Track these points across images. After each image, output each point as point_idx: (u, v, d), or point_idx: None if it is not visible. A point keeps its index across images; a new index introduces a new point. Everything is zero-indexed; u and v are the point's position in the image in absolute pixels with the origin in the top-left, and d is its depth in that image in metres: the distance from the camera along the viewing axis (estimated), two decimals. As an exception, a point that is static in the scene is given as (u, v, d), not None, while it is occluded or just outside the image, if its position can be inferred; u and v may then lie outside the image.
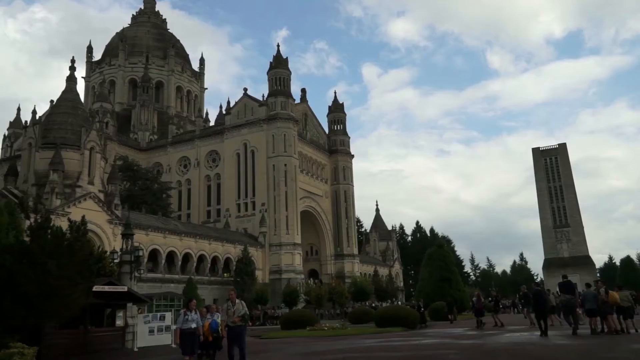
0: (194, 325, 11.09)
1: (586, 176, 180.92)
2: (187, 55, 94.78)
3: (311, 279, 67.67)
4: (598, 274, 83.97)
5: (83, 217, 17.44)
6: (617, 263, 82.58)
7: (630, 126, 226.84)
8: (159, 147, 74.64)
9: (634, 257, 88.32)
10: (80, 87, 78.64)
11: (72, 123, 42.65)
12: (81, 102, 49.37)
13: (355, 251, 78.09)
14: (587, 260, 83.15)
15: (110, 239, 41.52)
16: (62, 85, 45.87)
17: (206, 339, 11.96)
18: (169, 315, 22.38)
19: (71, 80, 45.59)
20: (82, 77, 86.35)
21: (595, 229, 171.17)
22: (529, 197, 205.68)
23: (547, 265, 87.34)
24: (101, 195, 42.73)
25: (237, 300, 10.94)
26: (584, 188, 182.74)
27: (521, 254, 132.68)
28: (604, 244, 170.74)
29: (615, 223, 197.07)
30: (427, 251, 46.55)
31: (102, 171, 44.17)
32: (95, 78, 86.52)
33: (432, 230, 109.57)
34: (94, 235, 38.84)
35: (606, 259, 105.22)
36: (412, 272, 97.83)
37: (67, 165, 40.57)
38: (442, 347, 14.50)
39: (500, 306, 24.76)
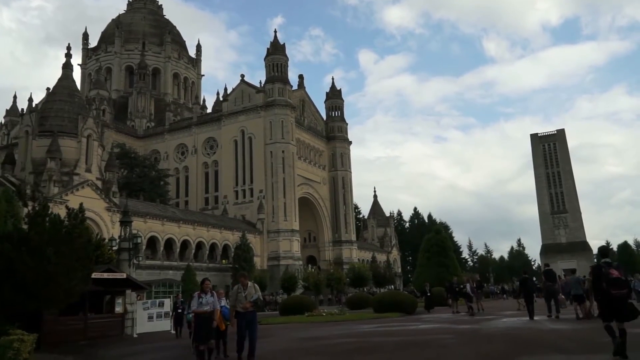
0: (208, 308, 9.67)
1: (583, 162, 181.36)
2: (184, 41, 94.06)
3: (309, 265, 68.01)
4: (595, 260, 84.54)
5: (81, 204, 17.44)
6: (615, 249, 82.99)
7: (627, 112, 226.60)
8: (156, 135, 74.42)
9: (631, 242, 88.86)
10: (77, 75, 78.23)
11: (69, 111, 42.46)
12: (78, 89, 49.10)
13: (353, 237, 78.39)
14: (584, 246, 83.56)
15: (108, 226, 41.60)
16: (59, 73, 45.60)
17: (217, 328, 10.59)
18: (167, 302, 22.54)
19: (67, 67, 45.29)
20: (79, 65, 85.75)
21: (592, 215, 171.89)
22: (527, 183, 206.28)
23: (545, 251, 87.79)
24: (99, 183, 42.70)
25: (250, 283, 9.67)
26: (581, 174, 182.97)
27: (519, 240, 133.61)
28: (601, 230, 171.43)
29: (613, 209, 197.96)
30: (424, 237, 46.77)
31: (100, 159, 44.08)
32: (92, 65, 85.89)
33: (429, 216, 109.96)
34: (92, 223, 38.87)
35: (603, 244, 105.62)
36: (410, 258, 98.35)
37: (65, 153, 40.48)
38: (440, 332, 14.64)
39: (480, 291, 24.33)
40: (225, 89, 71.53)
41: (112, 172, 45.11)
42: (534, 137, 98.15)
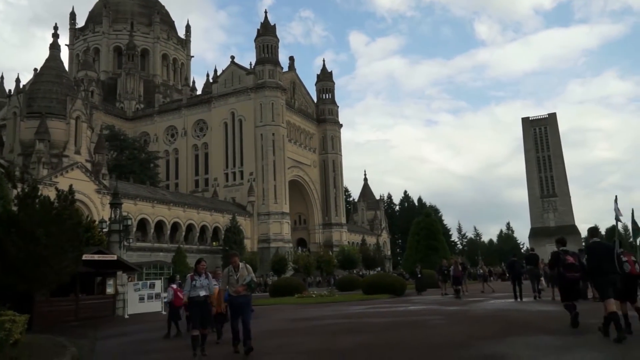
0: (203, 293, 8.78)
1: (574, 146, 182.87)
2: (173, 22, 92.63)
3: (299, 247, 68.40)
4: (583, 243, 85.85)
5: (70, 186, 17.36)
6: (603, 233, 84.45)
7: (618, 96, 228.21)
8: (145, 117, 73.75)
9: (619, 226, 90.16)
10: (64, 55, 76.72)
11: (57, 92, 41.91)
12: (65, 70, 48.40)
13: (343, 220, 78.78)
14: (572, 230, 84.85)
15: (98, 208, 41.43)
16: (46, 54, 44.88)
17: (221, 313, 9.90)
18: (158, 283, 22.63)
19: (55, 48, 44.55)
20: (66, 45, 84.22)
21: (581, 199, 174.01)
22: (517, 167, 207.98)
23: (534, 234, 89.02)
24: (88, 165, 42.40)
25: (241, 264, 8.81)
26: (571, 158, 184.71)
27: (508, 224, 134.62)
28: (590, 214, 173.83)
29: (602, 193, 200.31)
30: (414, 220, 47.12)
31: (89, 141, 43.71)
32: (79, 46, 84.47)
33: (420, 199, 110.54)
34: (82, 205, 38.69)
35: (619, 224, 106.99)
36: (400, 241, 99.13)
37: (53, 134, 40.06)
38: (428, 313, 14.88)
39: (464, 274, 24.53)
40: (215, 71, 70.87)
41: (101, 154, 44.78)
42: (525, 121, 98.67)
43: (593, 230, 9.82)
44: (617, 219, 11.34)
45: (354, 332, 11.04)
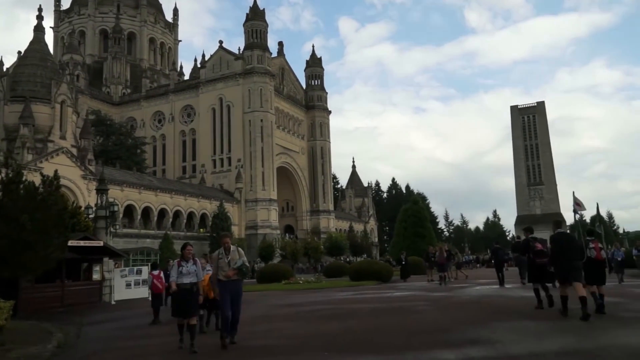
0: (189, 280, 8.01)
1: (561, 135, 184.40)
2: (160, 5, 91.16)
3: (287, 234, 68.54)
4: (568, 231, 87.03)
5: (56, 171, 17.11)
6: (587, 220, 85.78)
7: (606, 85, 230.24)
8: (132, 102, 72.87)
9: (604, 214, 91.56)
10: (49, 38, 75.19)
11: (42, 75, 41.18)
12: (50, 53, 47.51)
13: (331, 207, 78.98)
14: (558, 218, 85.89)
15: (84, 194, 41.05)
16: (30, 37, 43.97)
17: (206, 297, 9.20)
18: (145, 270, 22.57)
19: (39, 30, 43.67)
20: (51, 28, 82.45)
21: (567, 187, 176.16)
22: (505, 155, 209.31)
23: (520, 221, 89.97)
24: (74, 150, 41.90)
25: (233, 247, 8.14)
26: (558, 147, 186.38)
27: (494, 211, 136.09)
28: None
29: (587, 182, 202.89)
30: (402, 207, 47.42)
31: (74, 125, 43.12)
32: (64, 28, 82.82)
33: (407, 187, 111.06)
34: (68, 191, 38.30)
35: (577, 217, 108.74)
36: (387, 228, 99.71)
37: (38, 119, 39.45)
38: (414, 299, 15.05)
39: (450, 261, 24.71)
40: (203, 56, 70.09)
41: (87, 140, 44.24)
42: (514, 109, 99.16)
43: (557, 223, 10.57)
44: (575, 212, 13.93)
45: (340, 318, 11.14)
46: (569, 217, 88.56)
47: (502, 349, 6.67)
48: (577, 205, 16.12)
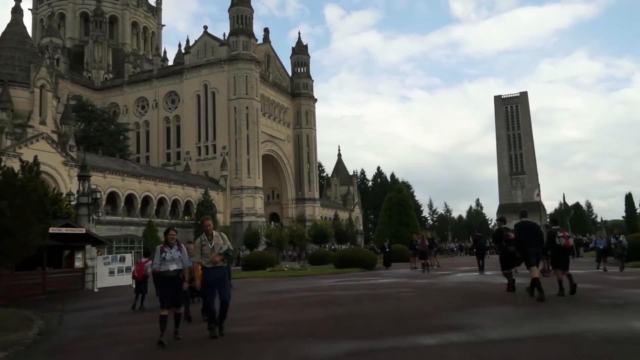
0: (174, 267, 7.43)
1: (542, 125, 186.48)
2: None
3: (272, 222, 68.56)
4: (548, 219, 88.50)
5: (35, 157, 16.84)
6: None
7: (587, 77, 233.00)
8: (114, 87, 71.74)
9: (582, 204, 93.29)
10: (28, 21, 73.71)
11: (20, 59, 40.23)
12: (29, 36, 46.40)
13: (317, 195, 79.08)
14: (538, 207, 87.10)
15: (65, 181, 40.48)
16: (8, 19, 42.88)
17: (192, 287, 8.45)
18: (129, 257, 22.45)
19: (17, 12, 42.54)
20: (29, 9, 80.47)
21: (548, 176, 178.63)
22: (488, 145, 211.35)
23: (501, 210, 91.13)
24: (54, 136, 41.19)
25: (215, 233, 7.69)
26: (539, 137, 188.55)
27: (477, 200, 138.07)
28: (555, 191, 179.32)
29: (567, 171, 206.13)
30: (386, 196, 47.67)
31: (55, 111, 42.35)
32: (44, 10, 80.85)
33: (392, 175, 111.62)
34: (49, 177, 37.75)
35: (557, 206, 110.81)
36: (372, 216, 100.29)
37: (16, 104, 38.62)
38: (397, 286, 15.21)
39: (432, 249, 24.90)
40: (188, 41, 69.18)
41: (68, 125, 43.51)
42: (498, 99, 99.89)
43: (523, 212, 11.30)
44: (539, 203, 15.11)
45: (324, 304, 11.22)
46: (549, 206, 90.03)
47: (482, 334, 6.79)
48: (537, 195, 20.16)
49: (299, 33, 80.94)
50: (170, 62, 78.29)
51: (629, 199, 49.94)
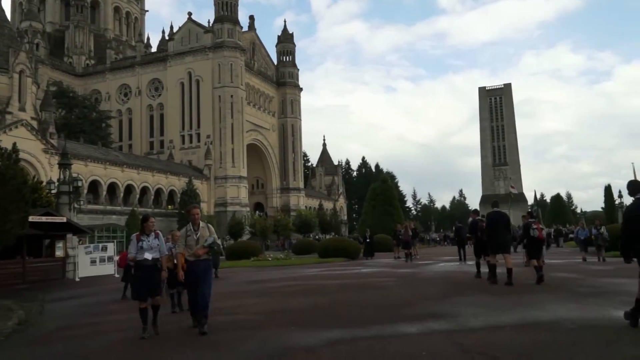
0: (151, 256, 7.00)
1: (525, 117, 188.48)
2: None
3: (257, 211, 68.41)
4: (529, 210, 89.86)
5: (14, 144, 16.51)
6: (548, 200, 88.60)
7: (569, 69, 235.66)
8: (96, 73, 70.52)
9: (563, 195, 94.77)
10: (6, 4, 71.94)
11: (-2, 43, 39.28)
12: (7, 20, 45.26)
13: (301, 185, 79.05)
14: (520, 197, 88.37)
15: (46, 169, 39.85)
16: (-16, 0, 41.65)
17: (174, 277, 7.88)
18: (111, 246, 22.21)
19: (-6, -6, 41.42)
20: (7, -8, 78.41)
21: (530, 168, 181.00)
22: (471, 136, 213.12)
23: (484, 201, 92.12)
24: (34, 123, 40.44)
25: (202, 224, 7.23)
26: (522, 129, 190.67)
27: (460, 191, 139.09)
28: (537, 182, 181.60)
29: (549, 163, 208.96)
30: (371, 186, 47.88)
31: (34, 97, 41.54)
32: (22, -7, 78.80)
33: (377, 166, 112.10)
34: (28, 165, 37.10)
35: (538, 196, 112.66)
36: (356, 206, 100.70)
37: (-6, 89, 37.78)
38: (380, 276, 15.34)
39: (415, 239, 25.09)
40: (171, 28, 68.15)
41: (48, 112, 42.72)
42: (482, 91, 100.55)
43: (494, 203, 12.01)
44: (510, 194, 16.07)
45: (308, 294, 11.26)
46: (530, 197, 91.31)
47: (463, 322, 6.88)
48: (512, 187, 26.77)
49: (285, 21, 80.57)
50: (154, 49, 77.11)
51: (608, 190, 50.95)
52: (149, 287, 6.97)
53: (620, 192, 42.36)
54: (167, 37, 68.84)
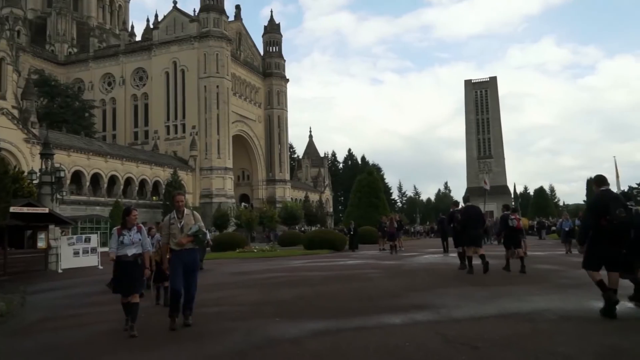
0: (133, 251, 6.67)
1: (510, 110, 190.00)
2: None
3: (242, 203, 68.22)
4: (513, 203, 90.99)
5: (-5, 134, 16.23)
6: (531, 193, 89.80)
7: (554, 63, 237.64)
8: (79, 62, 69.36)
9: (546, 187, 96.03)
10: (-15, -11, 70.09)
11: (-23, 29, 38.44)
12: (-14, 6, 44.30)
13: (287, 177, 78.96)
14: (504, 190, 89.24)
15: (27, 159, 39.24)
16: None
17: (161, 272, 8.03)
18: (94, 238, 21.98)
19: (-27, -21, 40.48)
20: (-14, -23, 76.45)
21: (514, 161, 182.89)
22: (457, 128, 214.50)
23: (469, 193, 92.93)
24: (15, 112, 39.71)
25: (187, 211, 6.95)
26: (507, 122, 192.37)
27: (446, 183, 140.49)
28: (521, 176, 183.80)
29: (533, 156, 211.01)
30: (357, 178, 47.98)
31: (15, 85, 40.79)
32: (2, -21, 77.00)
33: (363, 158, 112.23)
34: (9, 155, 36.51)
35: (522, 189, 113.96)
36: (342, 198, 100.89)
37: (-26, 77, 37.01)
38: (365, 267, 15.44)
39: (400, 231, 25.24)
40: (156, 16, 67.18)
41: (30, 101, 41.98)
42: (468, 83, 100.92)
43: (466, 198, 13.56)
44: (485, 189, 17.60)
45: (293, 285, 11.29)
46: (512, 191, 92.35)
47: (446, 313, 6.98)
48: (485, 183, 27.15)
49: (271, 11, 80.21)
50: (138, 38, 76.03)
51: (590, 183, 51.75)
52: (127, 284, 6.66)
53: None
54: (151, 26, 67.88)
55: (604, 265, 6.28)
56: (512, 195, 76.20)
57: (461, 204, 14.33)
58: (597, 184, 6.62)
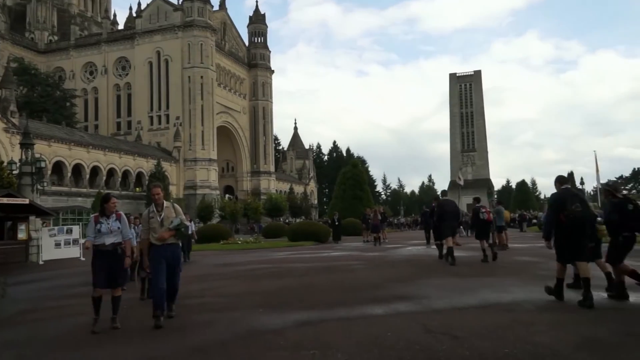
0: (111, 240, 6.32)
1: (493, 104, 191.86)
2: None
3: (226, 195, 67.97)
4: (495, 195, 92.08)
5: (-27, 123, 15.89)
6: (513, 186, 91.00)
7: (536, 57, 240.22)
8: (60, 50, 68.12)
9: (528, 181, 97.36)
10: (-39, -26, 68.27)
11: (-47, 15, 37.47)
12: (-37, -9, 43.17)
13: (272, 168, 78.81)
14: (487, 183, 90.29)
15: (7, 149, 38.57)
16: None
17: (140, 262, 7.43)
18: (76, 229, 21.74)
19: (-52, -37, 39.39)
20: (-37, -38, 74.41)
21: (496, 154, 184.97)
22: (441, 121, 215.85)
23: (452, 186, 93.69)
24: (-6, 101, 38.92)
25: (167, 203, 6.64)
26: (490, 115, 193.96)
27: (429, 176, 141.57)
28: (503, 169, 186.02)
29: (515, 150, 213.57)
30: (341, 170, 48.07)
31: (-6, 73, 39.87)
32: (-20, -36, 75.04)
33: (348, 150, 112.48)
34: (-12, 144, 35.79)
35: (504, 182, 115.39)
36: (327, 190, 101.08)
37: (-50, 64, 36.12)
38: (349, 259, 15.53)
39: (384, 223, 25.34)
40: (139, 4, 66.28)
41: (9, 89, 41.19)
42: (452, 77, 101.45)
43: (443, 192, 14.17)
44: (459, 184, 22.04)
45: (277, 276, 11.33)
46: (497, 183, 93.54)
47: (428, 303, 7.08)
48: (459, 179, 27.39)
49: (257, 1, 79.19)
50: (121, 26, 74.91)
51: (570, 177, 52.62)
52: (107, 276, 6.29)
53: (582, 178, 44.01)
54: (134, 14, 66.94)
55: (568, 256, 6.78)
56: (487, 189, 77.16)
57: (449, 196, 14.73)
58: (559, 182, 7.08)
